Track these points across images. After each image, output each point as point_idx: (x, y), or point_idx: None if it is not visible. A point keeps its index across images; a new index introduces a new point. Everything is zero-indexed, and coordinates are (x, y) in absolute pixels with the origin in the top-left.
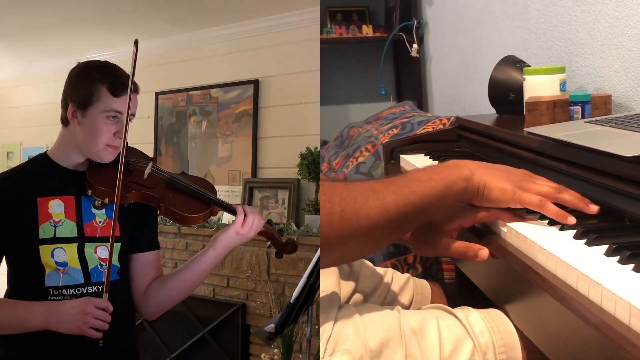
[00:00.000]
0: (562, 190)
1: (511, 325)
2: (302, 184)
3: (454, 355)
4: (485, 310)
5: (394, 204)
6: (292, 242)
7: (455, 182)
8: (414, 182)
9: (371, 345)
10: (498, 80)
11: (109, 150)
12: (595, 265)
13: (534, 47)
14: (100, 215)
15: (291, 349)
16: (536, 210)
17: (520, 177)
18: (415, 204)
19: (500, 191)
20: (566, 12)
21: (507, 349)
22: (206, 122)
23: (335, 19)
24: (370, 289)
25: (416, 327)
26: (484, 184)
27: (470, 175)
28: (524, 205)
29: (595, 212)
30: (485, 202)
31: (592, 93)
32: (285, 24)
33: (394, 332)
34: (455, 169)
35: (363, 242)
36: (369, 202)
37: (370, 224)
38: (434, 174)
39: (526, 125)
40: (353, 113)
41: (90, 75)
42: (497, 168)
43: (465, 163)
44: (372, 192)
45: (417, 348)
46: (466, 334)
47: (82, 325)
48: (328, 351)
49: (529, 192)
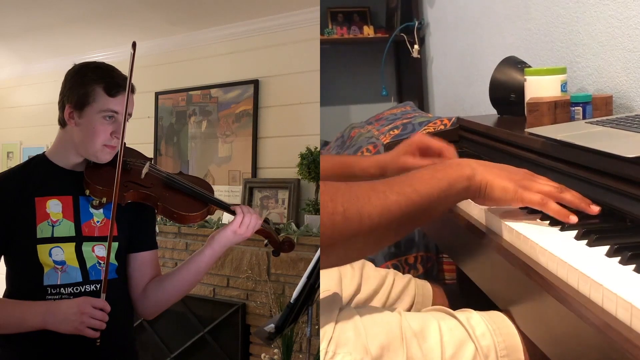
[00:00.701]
0: (564, 190)
1: (513, 327)
2: (302, 184)
3: (455, 358)
4: (487, 312)
5: (396, 204)
6: (289, 241)
7: (457, 181)
8: (417, 182)
9: (372, 349)
10: (499, 81)
11: (106, 150)
12: (597, 266)
13: (535, 48)
14: (98, 214)
15: (291, 349)
16: (538, 209)
17: (521, 176)
18: (417, 203)
19: (502, 190)
20: (567, 13)
21: (509, 351)
22: (206, 122)
23: (337, 19)
24: (372, 290)
25: (417, 329)
26: (485, 182)
27: (472, 174)
28: (525, 204)
29: (596, 213)
30: (487, 201)
31: (593, 94)
32: (285, 24)
33: (395, 335)
34: (457, 168)
35: (365, 242)
36: (371, 202)
37: (373, 224)
38: (436, 173)
39: (527, 126)
40: (354, 114)
41: (86, 76)
42: (498, 167)
43: (468, 162)
44: (374, 191)
45: (418, 351)
46: (468, 337)
47: (79, 325)
48: (329, 354)
49: (530, 191)
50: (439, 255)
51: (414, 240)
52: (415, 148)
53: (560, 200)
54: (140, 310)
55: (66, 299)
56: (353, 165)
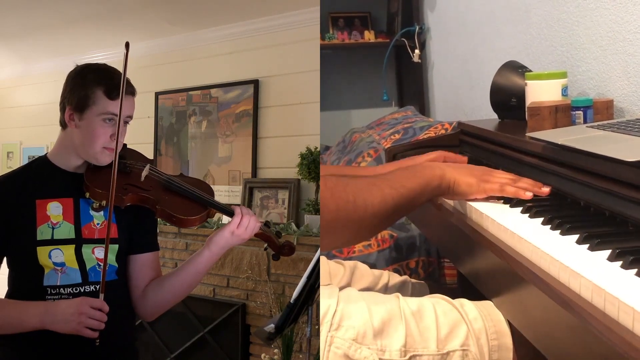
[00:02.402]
0: (518, 180)
1: (502, 315)
2: (302, 184)
3: (450, 337)
4: (479, 301)
5: (390, 196)
6: (289, 245)
7: (432, 179)
8: (404, 179)
9: (375, 321)
10: (500, 85)
11: (106, 153)
12: (598, 270)
13: (535, 52)
14: (98, 217)
15: (291, 349)
16: (498, 195)
17: (482, 172)
18: (405, 196)
19: (467, 185)
20: (568, 17)
21: (498, 335)
22: (206, 122)
23: (337, 24)
24: (365, 288)
25: (415, 309)
26: (453, 180)
27: (442, 173)
28: (487, 193)
29: (547, 194)
30: (456, 195)
31: (594, 98)
32: (285, 24)
33: (395, 312)
34: (430, 170)
35: (368, 227)
36: (372, 194)
37: (375, 211)
38: (416, 172)
39: (528, 130)
40: (355, 118)
41: (86, 78)
42: (462, 167)
43: (438, 164)
44: (374, 185)
45: (416, 328)
46: (461, 319)
47: (77, 325)
48: (334, 325)
49: (490, 182)
50: (440, 259)
51: (416, 245)
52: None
53: (515, 186)
54: (140, 311)
55: (65, 299)
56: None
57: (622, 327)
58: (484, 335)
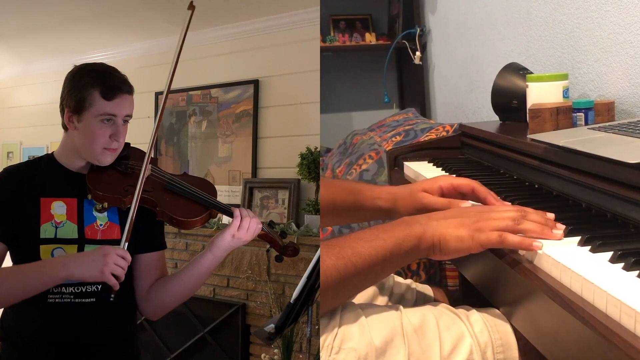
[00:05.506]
0: (521, 220)
1: (509, 326)
2: (302, 184)
3: (453, 353)
4: (485, 309)
5: (333, 268)
6: (292, 246)
7: (405, 240)
8: (358, 243)
9: (376, 343)
10: (501, 87)
11: (106, 153)
12: (600, 272)
13: (536, 54)
14: (101, 218)
15: (291, 349)
16: (499, 247)
17: (475, 218)
18: (358, 266)
19: (457, 240)
20: (569, 19)
21: (504, 348)
22: (206, 122)
23: (339, 27)
24: (370, 294)
25: (417, 325)
26: (438, 237)
27: (422, 231)
28: (485, 247)
29: (559, 238)
30: (445, 255)
31: (595, 100)
32: (285, 24)
33: (397, 331)
34: (405, 226)
35: (323, 297)
36: (325, 262)
37: (324, 283)
38: (382, 233)
39: (529, 132)
40: (356, 120)
41: (82, 80)
42: (449, 215)
43: (417, 219)
44: (331, 248)
45: (418, 347)
46: (465, 333)
47: (104, 268)
48: (334, 349)
49: (486, 232)
50: (441, 261)
51: None
52: (437, 188)
53: (519, 231)
54: (144, 311)
55: (88, 250)
56: (363, 191)
57: (623, 329)
58: (490, 349)
